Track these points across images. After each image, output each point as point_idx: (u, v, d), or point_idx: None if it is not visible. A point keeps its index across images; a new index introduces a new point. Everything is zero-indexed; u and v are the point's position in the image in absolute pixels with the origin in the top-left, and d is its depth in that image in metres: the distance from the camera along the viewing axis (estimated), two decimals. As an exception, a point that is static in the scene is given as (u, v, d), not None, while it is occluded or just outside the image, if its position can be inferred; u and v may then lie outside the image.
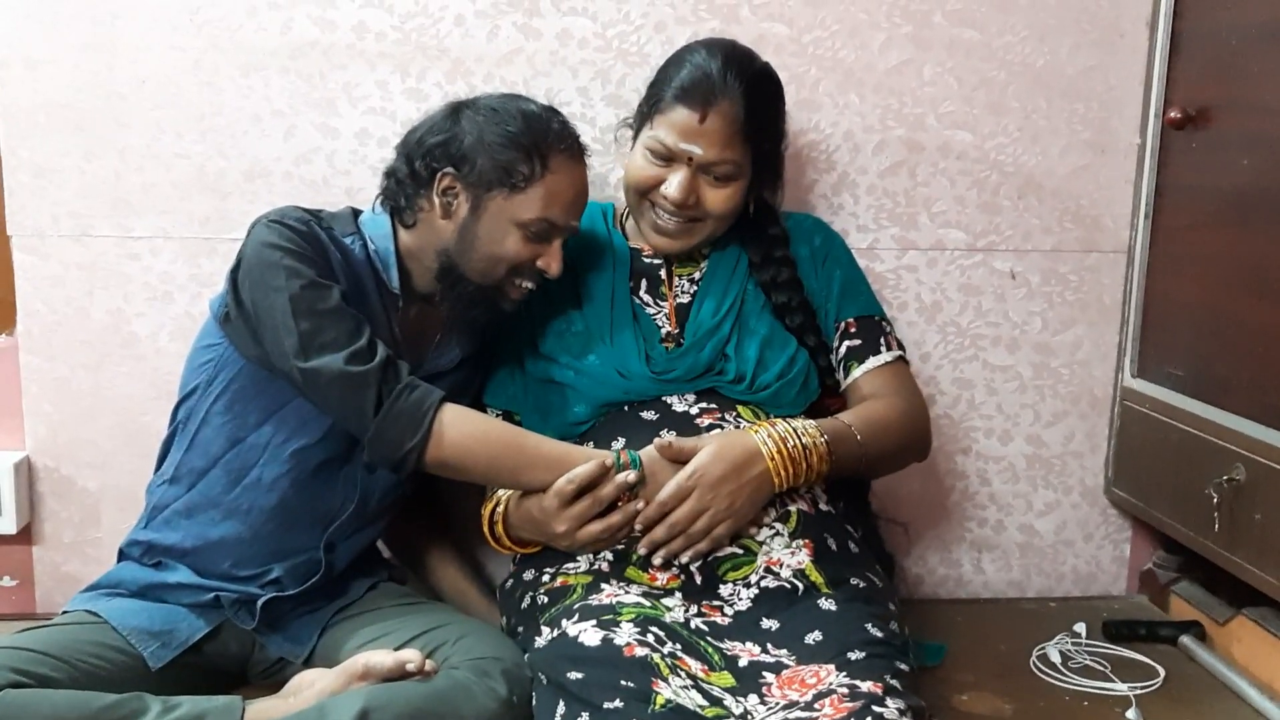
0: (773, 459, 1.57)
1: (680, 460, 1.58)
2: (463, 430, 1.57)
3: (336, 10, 1.94)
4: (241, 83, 1.95)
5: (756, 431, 1.60)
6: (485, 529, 1.69)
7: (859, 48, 2.03)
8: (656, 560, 1.56)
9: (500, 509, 1.67)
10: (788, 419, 1.64)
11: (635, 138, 1.78)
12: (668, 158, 1.72)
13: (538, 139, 1.63)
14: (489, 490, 1.72)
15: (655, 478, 1.58)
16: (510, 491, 1.66)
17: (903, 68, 2.04)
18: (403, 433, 1.55)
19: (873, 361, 1.79)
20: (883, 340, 1.82)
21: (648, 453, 1.60)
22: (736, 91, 1.68)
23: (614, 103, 2.00)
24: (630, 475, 1.56)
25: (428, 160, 1.65)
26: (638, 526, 1.57)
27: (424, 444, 1.56)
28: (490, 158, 1.62)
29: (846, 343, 1.81)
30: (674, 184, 1.71)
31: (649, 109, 1.74)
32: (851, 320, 1.83)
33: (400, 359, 1.60)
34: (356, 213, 1.74)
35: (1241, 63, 1.82)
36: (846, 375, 1.81)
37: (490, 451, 1.59)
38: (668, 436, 1.63)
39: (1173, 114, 1.94)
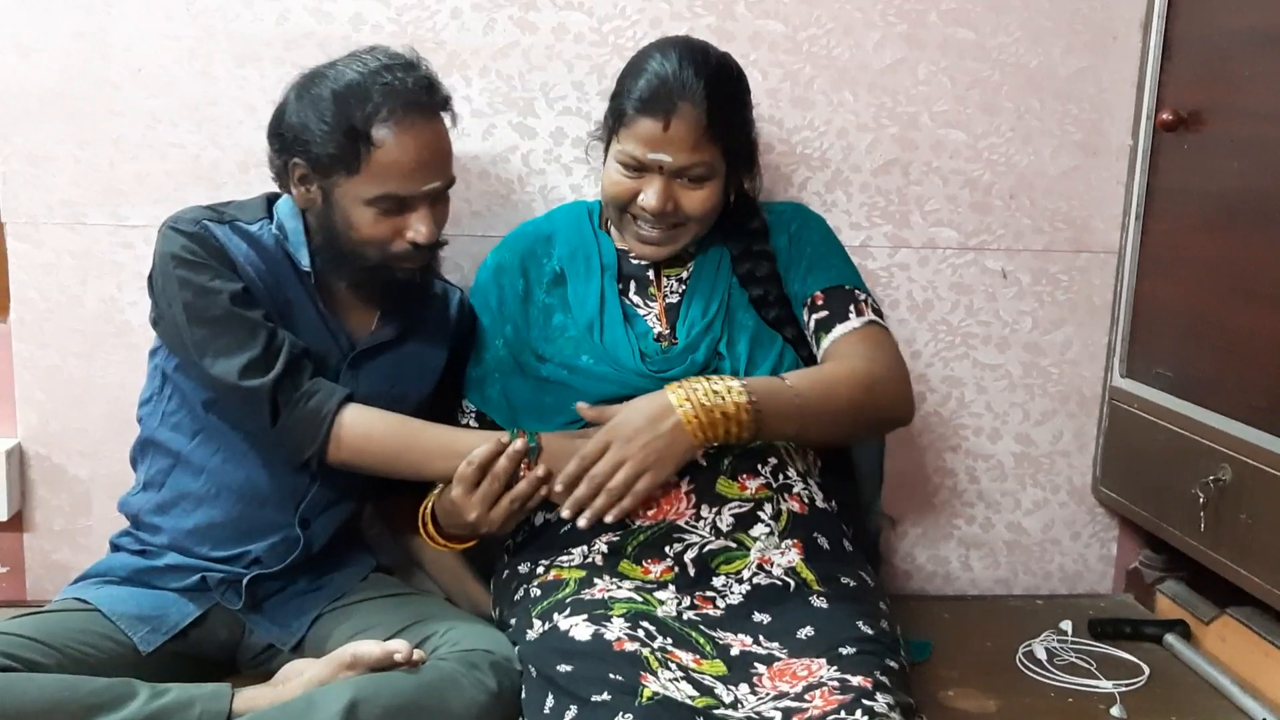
0: (682, 407, 1.57)
1: (602, 422, 1.60)
2: (359, 433, 1.61)
3: (333, 1, 1.94)
4: (237, 73, 1.95)
5: (673, 389, 1.60)
6: (422, 530, 1.70)
7: (853, 46, 2.03)
8: (582, 522, 1.56)
9: (428, 509, 1.69)
10: (718, 375, 1.63)
11: (605, 151, 1.77)
12: (639, 168, 1.70)
13: (353, 119, 1.56)
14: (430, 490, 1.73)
15: (559, 452, 1.60)
16: (436, 491, 1.68)
17: (897, 66, 2.05)
18: (301, 439, 1.60)
19: (840, 329, 1.73)
20: (853, 307, 1.75)
21: (552, 433, 1.63)
22: (698, 93, 1.66)
23: (609, 97, 2.00)
24: (519, 442, 1.59)
25: (278, 150, 1.65)
26: (558, 487, 1.57)
27: (324, 448, 1.60)
28: (321, 145, 1.58)
29: (814, 316, 1.76)
30: (650, 194, 1.70)
31: (614, 122, 1.73)
32: (819, 293, 1.77)
33: (307, 357, 1.62)
34: (273, 199, 1.73)
35: (1232, 67, 1.83)
36: (818, 348, 1.76)
37: (388, 446, 1.62)
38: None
39: (1164, 116, 1.95)
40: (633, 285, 1.82)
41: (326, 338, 1.70)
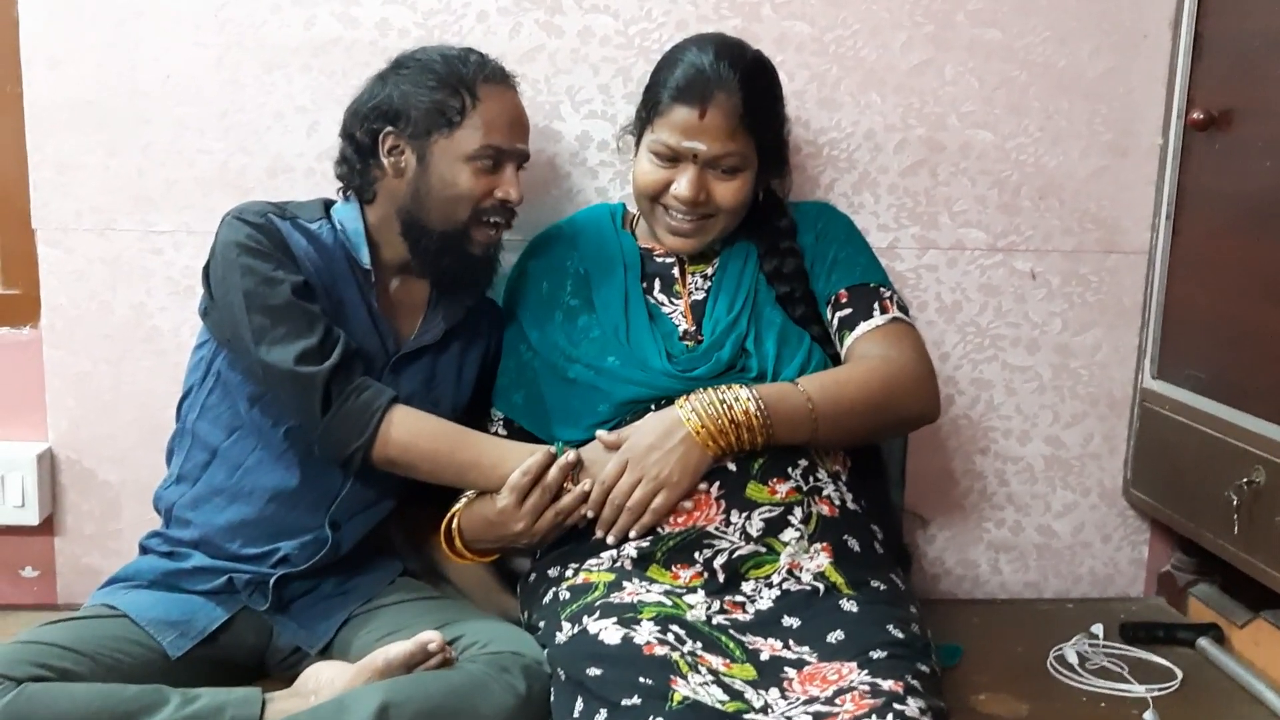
0: (690, 420, 1.60)
1: (618, 446, 1.63)
2: (408, 431, 1.63)
3: (359, 7, 1.95)
4: (264, 79, 1.96)
5: (681, 403, 1.63)
6: (444, 544, 1.72)
7: (880, 47, 2.03)
8: (610, 540, 1.61)
9: (455, 524, 1.70)
10: (729, 385, 1.64)
11: (637, 144, 1.79)
12: (673, 158, 1.72)
13: (460, 74, 1.68)
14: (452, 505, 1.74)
15: (598, 466, 1.63)
16: (461, 505, 1.70)
17: (924, 67, 2.04)
18: (349, 433, 1.61)
19: (863, 327, 1.74)
20: (877, 305, 1.75)
21: (592, 446, 1.66)
22: (733, 83, 1.68)
23: (635, 100, 1.97)
24: (570, 455, 1.63)
25: (366, 126, 1.70)
26: (589, 513, 1.62)
27: (370, 444, 1.62)
28: (421, 105, 1.67)
29: (838, 314, 1.77)
30: (683, 183, 1.72)
31: (648, 113, 1.75)
32: (843, 291, 1.78)
33: (358, 355, 1.65)
34: (329, 204, 1.78)
35: (1264, 67, 1.81)
36: (842, 346, 1.76)
37: (435, 449, 1.65)
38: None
39: (1195, 116, 1.93)
40: (658, 283, 1.82)
41: (375, 339, 1.72)
